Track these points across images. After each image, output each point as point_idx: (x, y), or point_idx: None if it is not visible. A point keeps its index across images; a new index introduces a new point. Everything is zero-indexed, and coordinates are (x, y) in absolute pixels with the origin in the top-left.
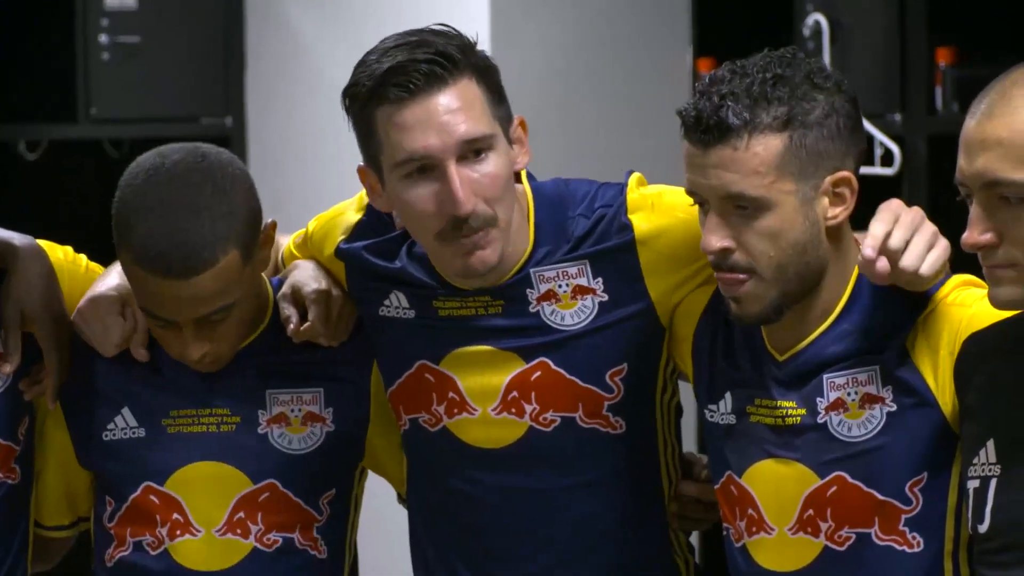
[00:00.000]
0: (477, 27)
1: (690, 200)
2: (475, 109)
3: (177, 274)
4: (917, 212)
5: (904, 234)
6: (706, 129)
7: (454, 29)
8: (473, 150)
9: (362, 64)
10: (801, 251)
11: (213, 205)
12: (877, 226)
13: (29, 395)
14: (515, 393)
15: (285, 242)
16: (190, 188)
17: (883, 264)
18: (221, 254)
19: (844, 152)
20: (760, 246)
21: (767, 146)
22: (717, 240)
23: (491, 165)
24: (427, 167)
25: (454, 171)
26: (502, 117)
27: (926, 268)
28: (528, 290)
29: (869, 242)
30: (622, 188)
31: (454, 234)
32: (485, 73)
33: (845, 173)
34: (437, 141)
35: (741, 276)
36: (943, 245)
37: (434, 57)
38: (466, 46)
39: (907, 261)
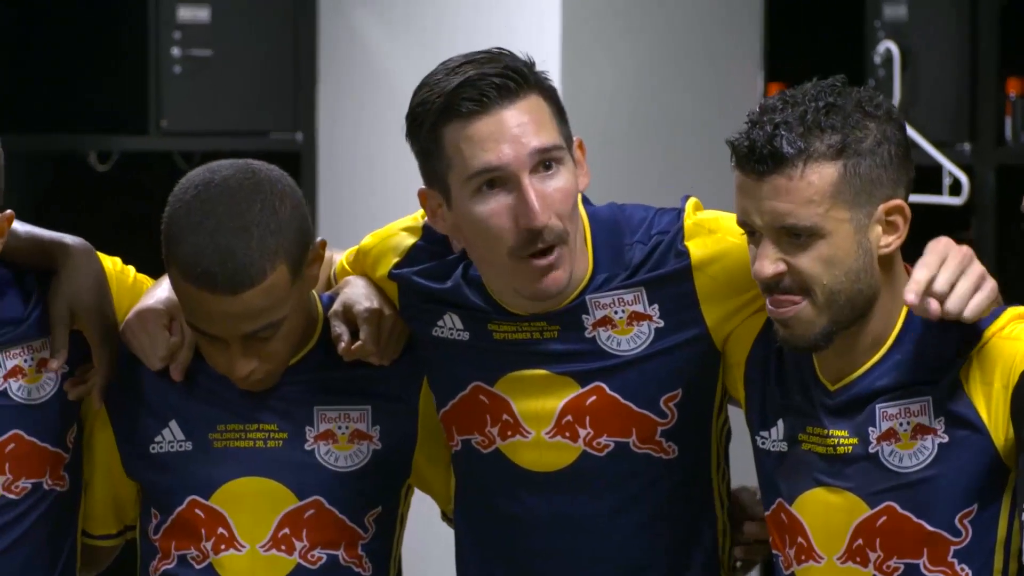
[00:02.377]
0: (549, 49)
1: None
2: (544, 122)
3: (224, 290)
4: (965, 252)
5: (949, 277)
6: (760, 159)
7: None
8: (544, 163)
9: (425, 86)
10: (854, 279)
11: (262, 222)
12: (920, 271)
13: (73, 395)
14: (569, 417)
15: (338, 258)
16: (239, 204)
17: (934, 307)
18: (269, 271)
19: (896, 180)
20: (814, 272)
21: (822, 174)
22: (770, 265)
23: (561, 180)
24: (499, 180)
25: (528, 182)
26: (566, 135)
27: (969, 312)
28: (584, 316)
29: (911, 287)
30: (679, 214)
31: (527, 252)
32: (550, 92)
33: (898, 201)
34: (511, 153)
35: (795, 298)
36: (989, 287)
37: (505, 71)
38: (531, 64)
39: (951, 305)
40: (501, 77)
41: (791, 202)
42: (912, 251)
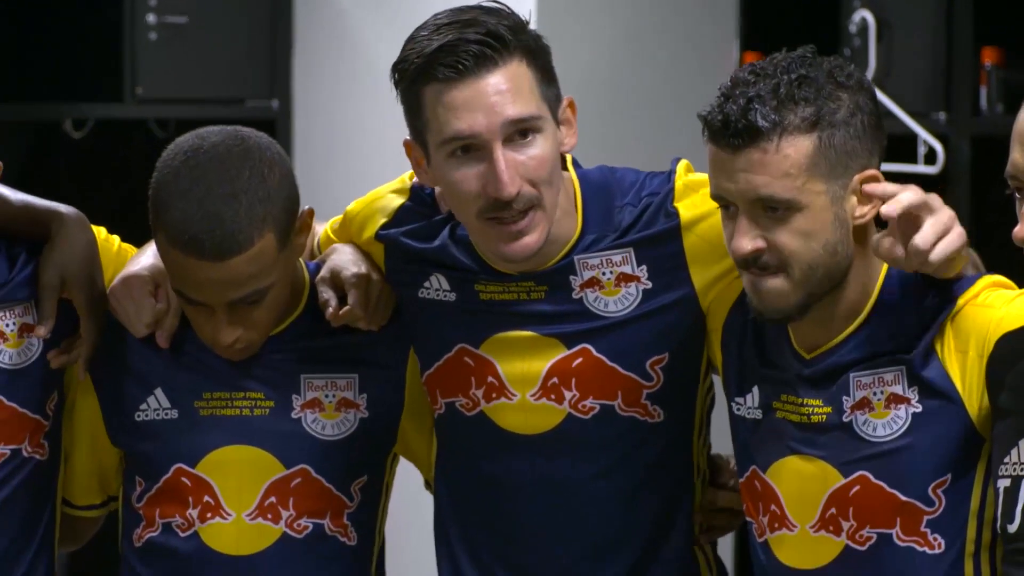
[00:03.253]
0: (524, 19)
1: None
2: (523, 90)
3: (212, 256)
4: (936, 198)
5: (923, 213)
6: (735, 132)
7: (506, 7)
8: (520, 131)
9: (412, 40)
10: (831, 251)
11: (250, 188)
12: (905, 194)
13: (56, 363)
14: (555, 379)
15: (321, 228)
16: (228, 171)
17: (899, 250)
18: (257, 238)
19: (870, 150)
20: (791, 246)
21: (797, 147)
22: (749, 242)
23: (538, 147)
24: (472, 147)
25: (500, 153)
26: (551, 98)
27: (936, 255)
28: (572, 276)
29: (892, 203)
30: (669, 175)
31: (496, 215)
32: (535, 54)
33: (872, 171)
34: (484, 122)
35: (769, 274)
36: (958, 232)
37: (484, 38)
38: (517, 26)
39: (919, 240)
40: (479, 44)
41: (767, 175)
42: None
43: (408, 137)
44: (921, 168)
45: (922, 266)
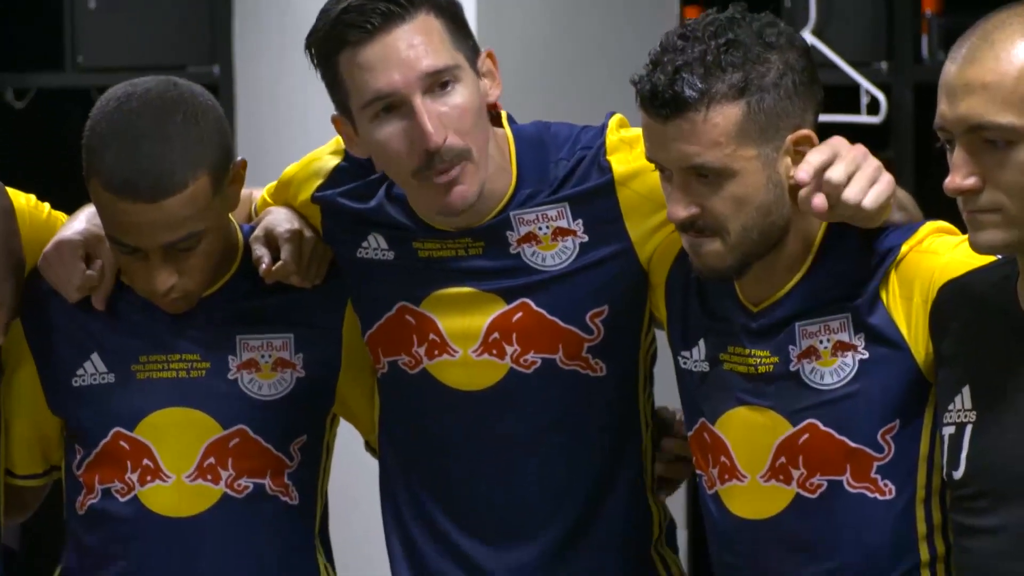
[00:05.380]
0: None
1: None
2: (435, 42)
3: (146, 197)
4: (860, 148)
5: (846, 168)
6: (663, 103)
7: None
8: (439, 83)
9: (320, 14)
10: (765, 213)
11: (184, 131)
12: (813, 155)
13: None
14: (496, 334)
15: (259, 193)
16: (161, 114)
17: (819, 200)
18: (191, 179)
19: (803, 108)
20: (726, 211)
21: (726, 115)
22: (683, 210)
23: (459, 96)
24: (394, 105)
25: (420, 105)
26: (467, 49)
27: (869, 201)
28: (508, 232)
29: (803, 167)
30: (602, 129)
31: (429, 171)
32: (444, 8)
33: (806, 131)
34: (400, 77)
35: (707, 237)
36: (887, 180)
37: None
38: None
39: (849, 193)
40: (385, 2)
41: (697, 144)
42: None
43: (335, 113)
44: (864, 118)
45: (852, 217)
